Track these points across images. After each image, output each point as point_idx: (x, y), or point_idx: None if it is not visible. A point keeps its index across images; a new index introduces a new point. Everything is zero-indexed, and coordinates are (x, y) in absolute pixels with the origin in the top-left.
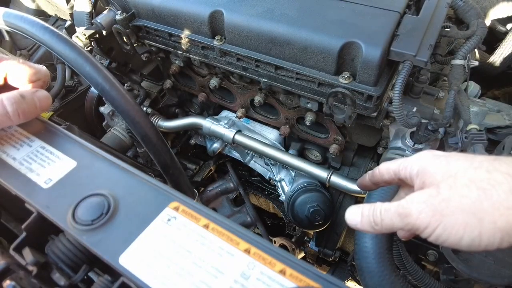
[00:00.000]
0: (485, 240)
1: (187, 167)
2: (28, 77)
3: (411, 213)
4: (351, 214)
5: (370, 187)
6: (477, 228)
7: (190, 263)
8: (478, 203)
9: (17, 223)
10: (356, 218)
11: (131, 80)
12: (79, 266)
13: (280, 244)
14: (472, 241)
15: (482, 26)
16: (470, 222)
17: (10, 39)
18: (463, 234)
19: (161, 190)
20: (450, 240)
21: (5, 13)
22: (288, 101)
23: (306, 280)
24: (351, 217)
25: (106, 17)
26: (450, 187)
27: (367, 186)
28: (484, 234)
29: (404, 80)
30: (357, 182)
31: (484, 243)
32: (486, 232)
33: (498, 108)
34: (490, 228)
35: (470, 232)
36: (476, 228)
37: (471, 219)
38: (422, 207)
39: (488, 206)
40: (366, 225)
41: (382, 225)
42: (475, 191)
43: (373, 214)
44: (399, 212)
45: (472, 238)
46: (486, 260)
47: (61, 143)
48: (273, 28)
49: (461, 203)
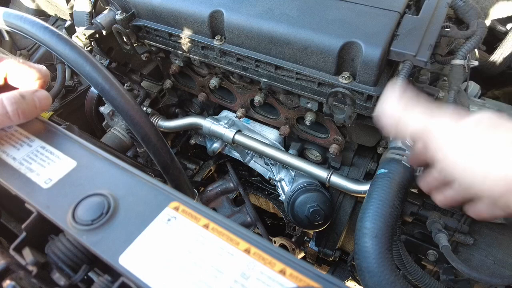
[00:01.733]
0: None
1: (187, 167)
2: (28, 77)
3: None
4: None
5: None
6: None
7: (190, 263)
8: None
9: (17, 223)
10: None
11: (131, 80)
12: (79, 266)
13: (280, 244)
14: (501, 165)
15: (482, 26)
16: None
17: (10, 39)
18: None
19: (161, 190)
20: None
21: (5, 13)
22: (288, 101)
23: (306, 280)
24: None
25: (106, 17)
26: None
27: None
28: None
29: (404, 80)
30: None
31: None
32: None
33: (498, 108)
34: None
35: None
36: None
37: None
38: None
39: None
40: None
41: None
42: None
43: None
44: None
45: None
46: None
47: (61, 143)
48: (273, 28)
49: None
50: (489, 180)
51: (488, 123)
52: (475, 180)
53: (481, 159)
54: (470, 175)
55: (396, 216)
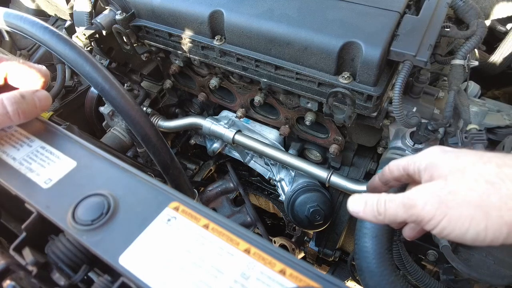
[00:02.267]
0: (491, 235)
1: (187, 167)
2: (28, 77)
3: (416, 204)
4: (354, 202)
5: (380, 189)
6: (483, 222)
7: (190, 263)
8: (486, 196)
9: (17, 223)
10: (358, 206)
11: (131, 80)
12: (79, 266)
13: (280, 244)
14: (477, 235)
15: (482, 26)
16: (476, 216)
17: (10, 39)
18: (468, 227)
19: (161, 190)
20: (455, 233)
21: (5, 13)
22: (288, 101)
23: (306, 280)
24: (354, 204)
25: (106, 17)
26: (457, 180)
27: (377, 188)
28: (490, 228)
29: (404, 80)
30: (367, 185)
31: (489, 238)
32: (492, 226)
33: (498, 108)
34: (496, 222)
35: (476, 225)
36: (482, 221)
37: (477, 212)
38: (427, 198)
39: (496, 200)
40: (369, 214)
41: (386, 215)
42: (483, 184)
43: (377, 203)
44: (404, 202)
45: (478, 232)
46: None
47: (61, 143)
48: (273, 28)
49: (468, 196)
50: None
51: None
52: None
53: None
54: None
55: None
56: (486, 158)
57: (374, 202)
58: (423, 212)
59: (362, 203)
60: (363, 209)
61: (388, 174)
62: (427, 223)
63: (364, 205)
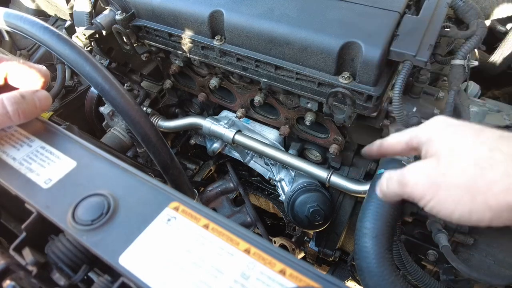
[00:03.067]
0: (475, 218)
1: (187, 167)
2: (28, 77)
3: (409, 183)
4: (378, 184)
5: (375, 156)
6: (468, 205)
7: (190, 263)
8: (473, 181)
9: (17, 223)
10: (377, 188)
11: (131, 80)
12: (79, 266)
13: (280, 244)
14: (462, 217)
15: (482, 26)
16: (463, 199)
17: (10, 39)
18: (454, 209)
19: (161, 190)
20: (442, 213)
21: (5, 13)
22: (288, 101)
23: (306, 280)
24: (377, 186)
25: (106, 17)
26: (449, 161)
27: (372, 156)
28: (474, 212)
29: (404, 80)
30: (363, 149)
31: (473, 220)
32: (476, 210)
33: (498, 108)
34: (480, 207)
35: (461, 208)
36: (467, 205)
37: (464, 195)
38: (419, 178)
39: (483, 185)
40: (379, 193)
41: (388, 194)
42: (472, 168)
43: (381, 183)
44: (399, 180)
45: (462, 214)
46: (486, 260)
47: (61, 143)
48: (273, 28)
49: (457, 178)
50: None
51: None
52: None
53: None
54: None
55: (396, 216)
56: (482, 139)
57: (383, 181)
58: (414, 191)
59: (378, 185)
60: (380, 189)
61: (388, 147)
62: (418, 201)
63: (380, 186)
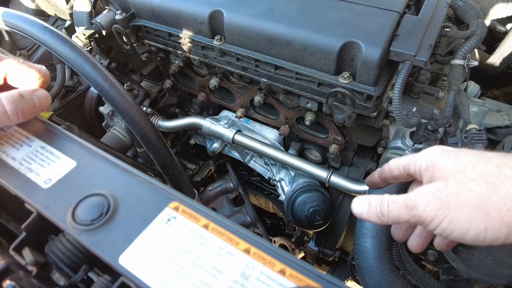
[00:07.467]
0: (491, 235)
1: (187, 167)
2: (27, 77)
3: (418, 205)
4: (357, 204)
5: (379, 185)
6: (483, 223)
7: (190, 263)
8: (486, 197)
9: (17, 223)
10: (362, 208)
11: (131, 80)
12: (79, 266)
13: (280, 244)
14: (477, 235)
15: (482, 26)
16: (476, 216)
17: (10, 39)
18: (468, 228)
19: (161, 190)
20: (455, 234)
21: (4, 13)
22: (288, 101)
23: (306, 280)
24: (358, 206)
25: (105, 17)
26: (458, 181)
27: (376, 184)
28: (490, 228)
29: (404, 80)
30: (366, 180)
31: (489, 238)
32: (492, 227)
33: (497, 108)
34: (496, 223)
35: (476, 226)
36: (482, 222)
37: (477, 213)
38: (429, 200)
39: (496, 200)
40: (372, 215)
41: (389, 217)
42: (483, 185)
43: (381, 205)
44: (406, 204)
45: (478, 232)
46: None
47: (60, 143)
48: (273, 28)
49: (468, 197)
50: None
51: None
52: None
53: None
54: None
55: None
56: (486, 158)
57: (378, 203)
58: (425, 213)
59: (366, 205)
60: (367, 210)
61: (387, 173)
62: (428, 224)
63: (367, 206)
